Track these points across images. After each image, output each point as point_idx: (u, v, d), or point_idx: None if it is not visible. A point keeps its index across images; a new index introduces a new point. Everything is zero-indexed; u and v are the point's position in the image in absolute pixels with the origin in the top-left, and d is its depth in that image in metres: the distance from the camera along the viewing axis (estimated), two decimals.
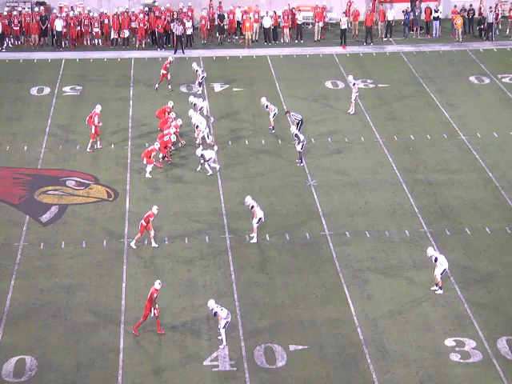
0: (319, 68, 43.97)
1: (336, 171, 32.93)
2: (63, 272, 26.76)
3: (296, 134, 32.94)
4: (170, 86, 39.88)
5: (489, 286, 25.94)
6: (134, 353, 23.13)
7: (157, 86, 39.97)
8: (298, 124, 34.90)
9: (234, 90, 40.93)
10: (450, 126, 37.05)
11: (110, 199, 31.22)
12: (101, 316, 24.61)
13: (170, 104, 35.75)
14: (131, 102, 39.38)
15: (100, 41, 47.35)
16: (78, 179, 32.53)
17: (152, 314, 23.70)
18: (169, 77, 39.64)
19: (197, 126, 34.48)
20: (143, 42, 46.57)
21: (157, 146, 32.60)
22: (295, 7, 48.48)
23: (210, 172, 32.40)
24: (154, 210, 27.91)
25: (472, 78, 42.39)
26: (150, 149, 32.47)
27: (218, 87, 41.13)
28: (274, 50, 46.58)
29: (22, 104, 39.21)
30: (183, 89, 40.61)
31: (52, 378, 22.27)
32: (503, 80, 42.04)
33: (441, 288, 25.60)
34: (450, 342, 23.53)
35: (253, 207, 28.40)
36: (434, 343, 23.48)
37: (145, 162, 32.36)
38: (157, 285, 23.92)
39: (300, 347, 23.35)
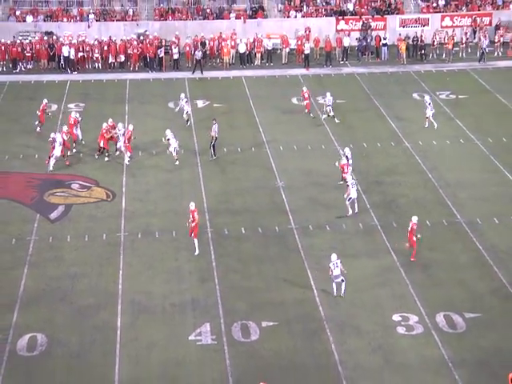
0: (286, 87, 44.05)
1: (301, 174, 33.05)
2: (69, 262, 26.66)
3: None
4: None
5: (429, 270, 26.15)
6: (129, 330, 23.08)
7: None
8: (214, 139, 33.53)
9: (215, 105, 40.96)
10: (396, 135, 37.27)
11: (109, 199, 31.13)
12: (101, 299, 24.56)
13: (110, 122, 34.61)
14: (126, 116, 39.27)
15: (100, 65, 47.22)
16: (81, 182, 32.41)
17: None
18: None
19: (168, 139, 33.22)
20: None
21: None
22: (265, 35, 48.66)
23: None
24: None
25: (415, 95, 42.62)
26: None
27: (200, 103, 41.17)
28: (248, 72, 46.63)
29: (33, 119, 38.94)
30: (171, 105, 40.60)
31: (59, 352, 22.21)
32: (440, 96, 42.34)
33: None
34: (396, 317, 23.68)
35: (348, 186, 28.53)
36: (383, 318, 23.62)
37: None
38: (414, 219, 26.08)
39: (271, 323, 23.40)
